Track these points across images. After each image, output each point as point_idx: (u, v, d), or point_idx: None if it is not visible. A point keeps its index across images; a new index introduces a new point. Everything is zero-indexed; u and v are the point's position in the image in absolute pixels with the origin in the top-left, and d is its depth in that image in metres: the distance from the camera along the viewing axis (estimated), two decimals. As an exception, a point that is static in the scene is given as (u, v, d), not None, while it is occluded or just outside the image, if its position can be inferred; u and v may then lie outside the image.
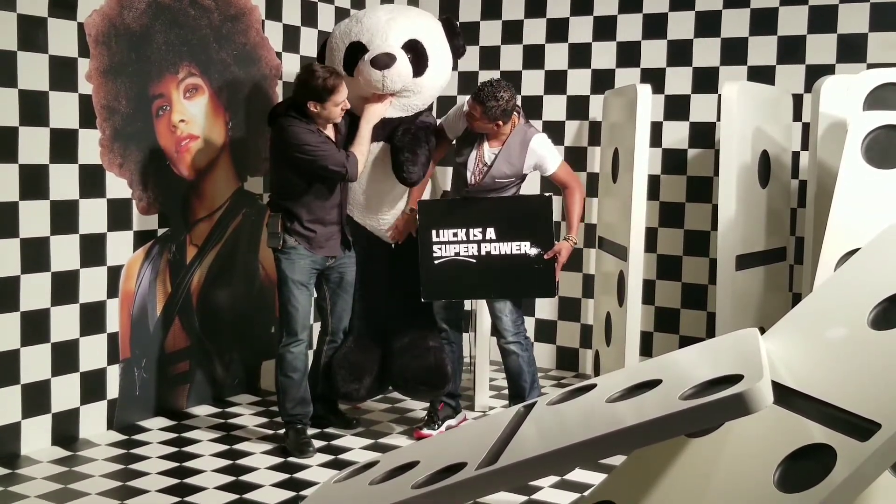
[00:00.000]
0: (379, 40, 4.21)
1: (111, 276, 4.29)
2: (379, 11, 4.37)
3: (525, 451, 2.32)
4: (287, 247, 4.08)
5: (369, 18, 4.32)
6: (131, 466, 3.89)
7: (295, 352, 4.14)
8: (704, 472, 2.43)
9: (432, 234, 4.21)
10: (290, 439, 4.14)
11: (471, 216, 4.19)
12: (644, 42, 5.42)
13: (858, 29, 4.90)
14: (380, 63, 4.14)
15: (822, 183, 4.21)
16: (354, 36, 4.28)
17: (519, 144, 4.15)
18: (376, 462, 2.85)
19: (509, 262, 4.17)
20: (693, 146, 5.34)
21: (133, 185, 4.37)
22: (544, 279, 4.18)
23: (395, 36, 4.23)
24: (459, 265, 4.20)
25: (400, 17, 4.35)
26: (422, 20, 4.42)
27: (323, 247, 4.15)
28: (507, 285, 4.21)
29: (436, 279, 4.21)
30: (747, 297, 4.54)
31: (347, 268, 4.33)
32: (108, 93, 4.22)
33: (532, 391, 4.31)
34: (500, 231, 4.17)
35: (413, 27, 4.30)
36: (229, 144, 4.83)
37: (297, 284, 4.10)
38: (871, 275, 2.65)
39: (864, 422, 2.10)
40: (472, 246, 4.20)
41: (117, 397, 4.36)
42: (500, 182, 4.19)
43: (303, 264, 4.11)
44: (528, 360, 4.31)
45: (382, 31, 4.23)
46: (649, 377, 2.43)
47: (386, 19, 4.29)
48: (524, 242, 4.16)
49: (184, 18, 4.53)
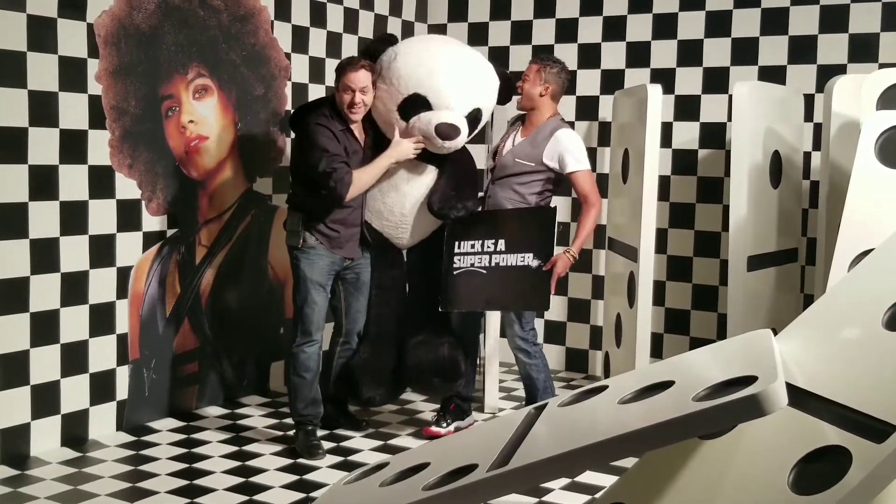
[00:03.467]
0: (445, 105, 4.10)
1: (120, 277, 4.29)
2: (447, 66, 4.15)
3: (536, 452, 2.30)
4: (307, 245, 4.07)
5: (437, 77, 4.10)
6: (141, 468, 3.89)
7: (309, 352, 4.12)
8: (717, 474, 2.41)
9: (455, 244, 4.22)
10: (300, 440, 4.12)
11: (488, 228, 4.20)
12: (654, 42, 5.40)
13: (870, 28, 4.87)
14: (443, 134, 4.07)
15: (835, 183, 4.18)
16: (418, 89, 4.09)
17: (547, 131, 4.19)
18: (386, 463, 2.84)
19: (513, 273, 4.16)
20: (704, 146, 5.32)
21: (142, 186, 4.37)
22: (538, 291, 4.13)
23: (463, 104, 4.14)
24: (473, 276, 4.20)
25: (467, 78, 4.20)
26: (487, 82, 4.30)
27: (343, 247, 4.14)
28: (506, 297, 4.20)
29: (453, 289, 4.21)
30: (758, 298, 4.51)
31: (363, 268, 4.32)
32: (117, 93, 4.22)
33: (543, 395, 4.29)
34: (508, 243, 4.17)
35: (479, 93, 4.23)
36: (238, 145, 4.82)
37: (315, 285, 4.09)
38: (886, 275, 2.62)
39: (879, 423, 2.08)
40: (484, 257, 4.20)
41: (126, 398, 4.36)
42: (521, 164, 4.18)
43: (322, 264, 4.10)
44: (537, 367, 4.31)
45: (450, 96, 4.11)
46: (662, 378, 2.40)
47: (455, 81, 4.13)
48: (528, 254, 4.14)
49: (193, 19, 4.53)
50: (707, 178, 5.30)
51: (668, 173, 5.34)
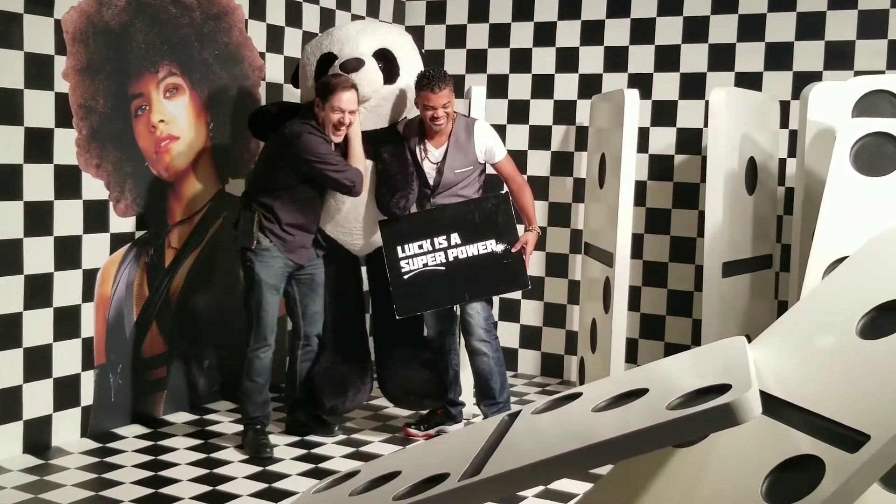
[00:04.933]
0: (349, 49, 4.19)
1: (87, 280, 4.21)
2: (350, 24, 4.41)
3: (509, 461, 2.27)
4: (261, 247, 4.03)
5: (339, 31, 4.34)
6: (106, 475, 3.80)
7: (263, 357, 4.14)
8: (691, 483, 2.39)
9: (398, 250, 4.18)
10: (249, 439, 4.12)
11: (433, 226, 4.19)
12: (632, 47, 5.39)
13: (846, 36, 4.88)
14: (349, 67, 4.10)
15: (810, 190, 4.18)
16: (325, 48, 4.27)
17: (465, 132, 4.20)
18: (357, 472, 2.79)
19: (478, 262, 4.17)
20: (680, 152, 5.30)
21: (110, 187, 4.29)
22: (515, 272, 4.20)
23: (366, 44, 4.22)
24: (430, 276, 4.18)
25: (371, 27, 4.36)
26: (394, 32, 4.44)
27: (295, 252, 4.11)
28: (480, 285, 4.21)
29: (408, 294, 4.18)
30: (733, 304, 4.50)
31: (317, 269, 4.30)
32: (85, 91, 4.14)
33: (502, 391, 4.32)
34: (463, 234, 4.17)
35: (384, 38, 4.30)
36: (210, 146, 4.75)
37: (269, 288, 4.06)
38: (860, 283, 2.61)
39: (853, 433, 2.06)
40: (439, 254, 4.18)
41: (92, 404, 4.27)
42: (461, 174, 4.20)
43: (276, 266, 4.07)
44: (497, 360, 4.31)
45: (353, 39, 4.22)
46: (636, 386, 2.37)
47: (357, 30, 4.30)
48: (489, 240, 4.18)
49: (165, 16, 4.46)
50: (683, 183, 5.29)
51: (644, 179, 5.33)
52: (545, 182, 5.61)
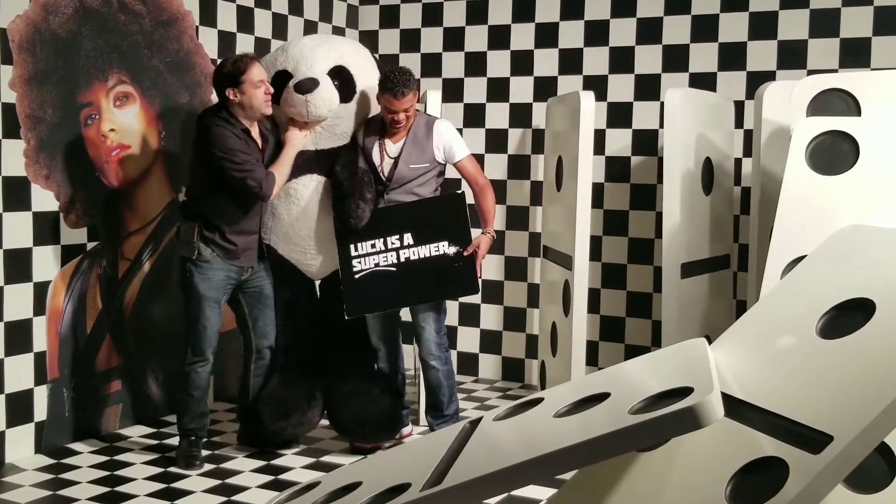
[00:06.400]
0: (304, 67, 4.12)
1: (38, 293, 4.11)
2: (304, 39, 4.33)
3: (472, 470, 2.24)
4: (202, 258, 3.94)
5: (294, 47, 4.25)
6: (60, 492, 3.71)
7: (200, 371, 4.04)
8: (655, 487, 2.37)
9: (351, 248, 4.12)
10: (181, 449, 4.04)
11: (387, 225, 4.12)
12: (586, 49, 5.40)
13: (799, 35, 4.93)
14: (303, 88, 4.03)
15: (766, 190, 4.21)
16: (280, 65, 4.18)
17: (424, 128, 4.16)
18: (317, 483, 2.74)
19: (430, 264, 4.11)
20: (636, 153, 5.32)
21: (60, 198, 4.19)
22: (465, 276, 4.13)
23: (321, 62, 4.13)
24: (381, 276, 4.11)
25: (326, 43, 4.27)
26: (348, 47, 4.35)
27: (240, 257, 4.02)
28: (429, 288, 4.14)
29: (358, 294, 4.10)
30: (692, 304, 4.52)
31: (264, 280, 4.20)
32: (32, 101, 4.04)
33: (450, 405, 4.30)
34: (417, 235, 4.11)
35: (338, 53, 4.21)
36: (163, 154, 4.67)
37: (209, 301, 3.96)
38: (819, 282, 2.62)
39: (815, 434, 2.05)
40: (391, 254, 4.12)
41: (45, 419, 4.17)
42: (416, 170, 4.13)
43: (217, 279, 3.97)
44: (446, 373, 4.27)
45: (307, 58, 4.14)
46: (597, 390, 2.36)
47: (311, 46, 4.21)
48: (442, 242, 4.12)
49: (113, 24, 4.37)
50: (640, 185, 5.31)
51: (601, 181, 5.34)
52: (503, 185, 5.60)
